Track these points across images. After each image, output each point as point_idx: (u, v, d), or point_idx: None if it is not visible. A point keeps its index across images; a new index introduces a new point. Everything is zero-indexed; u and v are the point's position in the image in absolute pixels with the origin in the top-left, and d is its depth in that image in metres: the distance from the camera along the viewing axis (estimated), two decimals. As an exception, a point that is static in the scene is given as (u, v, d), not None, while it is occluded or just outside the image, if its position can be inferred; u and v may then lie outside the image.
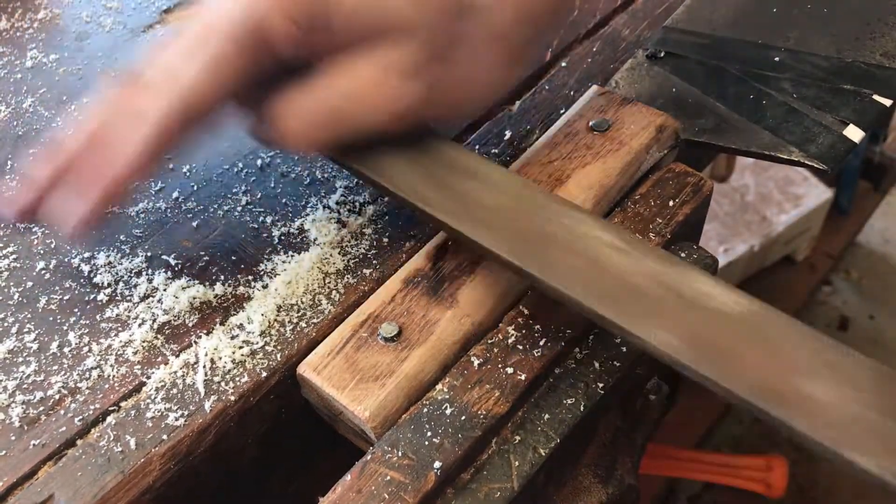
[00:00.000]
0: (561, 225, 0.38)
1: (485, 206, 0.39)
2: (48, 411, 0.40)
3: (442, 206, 0.39)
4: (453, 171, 0.41)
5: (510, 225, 0.38)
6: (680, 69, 0.53)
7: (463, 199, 0.40)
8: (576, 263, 0.37)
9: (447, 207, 0.39)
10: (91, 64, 0.58)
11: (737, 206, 1.38)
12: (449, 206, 0.39)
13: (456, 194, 0.40)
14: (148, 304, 0.44)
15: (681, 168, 0.48)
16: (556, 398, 0.40)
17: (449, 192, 0.40)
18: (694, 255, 0.45)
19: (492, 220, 0.39)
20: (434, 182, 0.40)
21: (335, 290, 0.44)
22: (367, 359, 0.40)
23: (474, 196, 0.40)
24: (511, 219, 0.39)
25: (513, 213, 0.39)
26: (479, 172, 0.41)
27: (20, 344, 0.42)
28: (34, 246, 0.47)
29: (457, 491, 0.37)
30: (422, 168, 0.41)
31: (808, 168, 0.48)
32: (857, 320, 1.56)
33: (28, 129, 0.53)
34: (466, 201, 0.39)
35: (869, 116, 0.49)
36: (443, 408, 0.38)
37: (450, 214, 0.39)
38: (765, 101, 0.50)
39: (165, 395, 0.40)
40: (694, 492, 1.36)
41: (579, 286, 0.36)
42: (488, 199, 0.39)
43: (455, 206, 0.39)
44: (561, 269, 0.37)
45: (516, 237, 0.38)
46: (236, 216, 0.48)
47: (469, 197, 0.40)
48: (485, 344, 0.41)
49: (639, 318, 0.34)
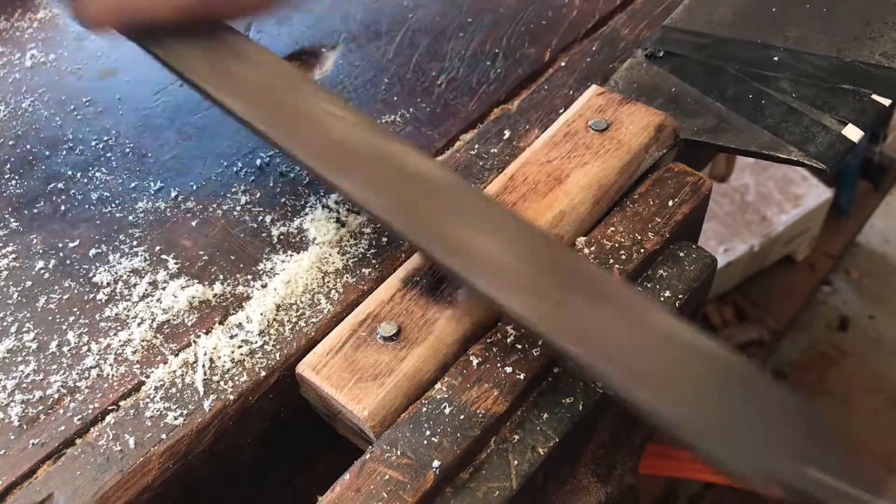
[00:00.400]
0: (309, 103, 0.45)
1: (249, 81, 0.46)
2: (47, 410, 0.40)
3: (210, 79, 0.46)
4: (234, 57, 0.47)
5: (265, 98, 0.45)
6: (679, 69, 0.53)
7: (233, 76, 0.46)
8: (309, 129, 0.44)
9: (215, 81, 0.46)
10: (91, 64, 0.58)
11: (737, 206, 1.38)
12: (217, 81, 0.46)
13: (229, 73, 0.46)
14: (147, 303, 0.44)
15: (680, 167, 0.48)
16: (554, 397, 0.40)
17: (223, 72, 0.46)
18: (693, 254, 0.45)
19: (249, 93, 0.45)
20: (214, 63, 0.47)
21: (334, 290, 0.44)
22: (366, 358, 0.40)
23: (242, 74, 0.46)
24: (267, 94, 0.46)
25: (270, 90, 0.46)
26: (253, 58, 0.47)
27: (19, 343, 0.42)
28: (34, 246, 0.47)
29: (455, 490, 0.37)
30: (208, 53, 0.47)
31: (807, 168, 0.48)
32: (857, 320, 1.56)
33: (27, 129, 0.54)
34: (235, 78, 0.46)
35: (868, 116, 0.49)
36: (442, 407, 0.38)
37: (215, 86, 0.46)
38: (764, 100, 0.50)
39: (164, 394, 0.40)
40: (694, 492, 1.36)
41: (308, 148, 0.43)
42: (254, 77, 0.46)
43: (222, 81, 0.46)
44: (298, 134, 0.44)
45: (267, 108, 0.45)
46: (235, 216, 0.48)
47: (238, 75, 0.46)
48: (483, 343, 0.41)
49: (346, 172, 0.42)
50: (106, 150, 0.52)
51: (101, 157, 0.52)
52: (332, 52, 0.58)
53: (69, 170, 0.51)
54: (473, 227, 0.39)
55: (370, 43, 0.59)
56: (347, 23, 0.60)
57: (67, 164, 0.51)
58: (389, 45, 0.58)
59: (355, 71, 0.57)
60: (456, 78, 0.56)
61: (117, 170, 0.51)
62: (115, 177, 0.50)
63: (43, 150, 0.52)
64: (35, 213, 0.48)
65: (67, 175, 0.51)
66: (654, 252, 0.44)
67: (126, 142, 0.53)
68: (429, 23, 0.60)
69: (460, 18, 0.60)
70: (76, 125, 0.54)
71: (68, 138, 0.53)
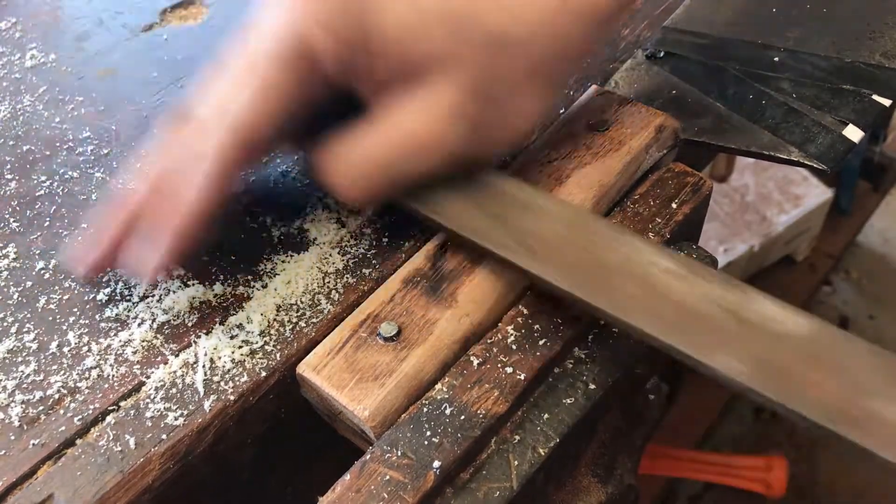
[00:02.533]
0: (618, 252, 0.38)
1: (541, 238, 0.39)
2: (48, 411, 0.40)
3: (500, 241, 0.40)
4: (507, 204, 0.41)
5: (569, 256, 0.39)
6: (679, 69, 0.53)
7: (519, 231, 0.40)
8: (636, 292, 0.37)
9: (505, 242, 0.40)
10: (91, 64, 0.58)
11: (737, 206, 1.39)
12: (506, 241, 0.40)
13: (511, 228, 0.40)
14: (147, 303, 0.44)
15: (680, 168, 0.48)
16: (555, 398, 0.40)
17: (505, 226, 0.40)
18: (694, 254, 0.45)
19: (550, 254, 0.39)
20: (489, 217, 0.40)
21: (335, 290, 0.44)
22: (367, 358, 0.40)
23: (530, 228, 0.40)
24: (569, 250, 0.39)
25: (569, 243, 0.39)
26: (531, 203, 0.41)
27: (20, 343, 0.42)
28: (34, 246, 0.47)
29: (456, 490, 0.37)
30: (475, 203, 0.41)
31: (807, 168, 0.48)
32: (857, 320, 1.56)
33: (28, 129, 0.53)
34: (523, 234, 0.40)
35: (868, 116, 0.49)
36: (442, 407, 0.38)
37: (508, 250, 0.39)
38: (764, 101, 0.50)
39: (165, 394, 0.40)
40: (694, 492, 1.36)
41: (642, 315, 0.36)
42: (545, 230, 0.40)
43: (512, 241, 0.39)
44: (622, 298, 0.37)
45: (576, 269, 0.38)
46: (236, 216, 0.48)
47: (525, 229, 0.40)
48: (484, 343, 0.41)
49: (705, 346, 0.35)
50: (106, 150, 0.52)
51: (102, 157, 0.52)
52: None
53: (69, 170, 0.51)
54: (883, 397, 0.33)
55: (370, 43, 0.58)
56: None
57: (67, 164, 0.51)
58: (390, 46, 0.58)
59: (355, 71, 0.57)
60: (456, 78, 0.56)
61: (117, 170, 0.51)
62: (116, 177, 0.50)
63: (43, 150, 0.52)
64: (35, 213, 0.48)
65: (67, 175, 0.51)
66: (654, 252, 0.44)
67: (126, 142, 0.53)
68: (429, 23, 0.60)
69: (460, 18, 0.60)
70: (76, 125, 0.54)
71: (68, 138, 0.53)
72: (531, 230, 0.40)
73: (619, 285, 0.37)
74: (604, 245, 0.39)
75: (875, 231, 1.66)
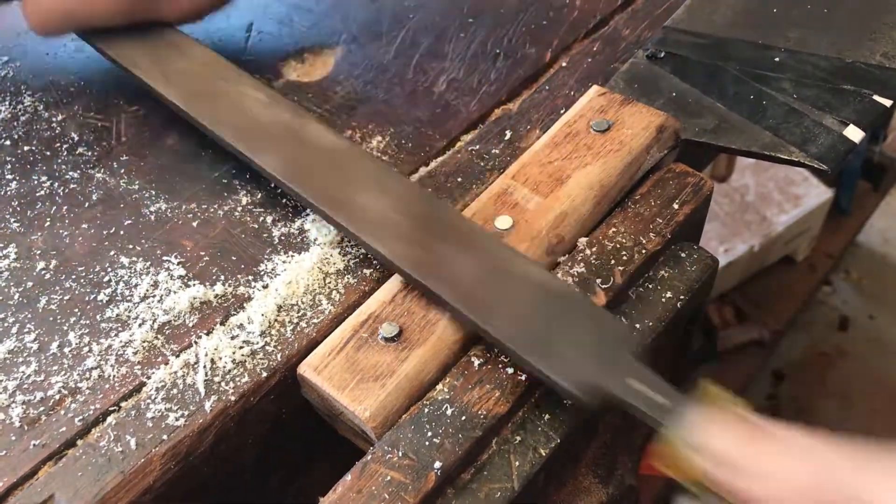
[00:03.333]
0: (227, 83, 0.51)
1: (177, 69, 0.52)
2: (48, 411, 0.40)
3: (144, 68, 0.52)
4: (168, 48, 0.53)
5: (193, 85, 0.51)
6: (680, 69, 0.53)
7: (162, 63, 0.52)
8: (230, 110, 0.50)
9: (146, 69, 0.52)
10: (91, 64, 0.58)
11: (737, 206, 1.38)
12: (148, 68, 0.52)
13: (160, 61, 0.52)
14: (148, 304, 0.44)
15: (681, 168, 0.48)
16: (556, 398, 0.40)
17: (155, 61, 0.52)
18: (694, 254, 0.45)
19: (177, 80, 0.51)
20: (149, 55, 0.53)
21: (335, 290, 0.44)
22: (368, 359, 0.40)
23: (172, 62, 0.52)
24: (194, 79, 0.52)
25: (196, 75, 0.52)
26: (185, 49, 0.53)
27: (20, 344, 0.42)
28: (34, 246, 0.47)
29: (457, 491, 0.37)
30: (146, 46, 0.53)
31: (808, 168, 0.48)
32: (857, 320, 1.56)
33: (28, 129, 0.53)
34: (164, 65, 0.52)
35: (869, 116, 0.49)
36: (443, 408, 0.38)
37: (145, 72, 0.52)
38: (765, 101, 0.50)
39: (166, 395, 0.40)
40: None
41: (227, 127, 0.49)
42: (181, 64, 0.52)
43: (153, 68, 0.52)
44: (222, 116, 0.49)
45: (197, 95, 0.51)
46: (236, 216, 0.48)
47: (168, 63, 0.52)
48: (485, 344, 0.41)
49: (260, 149, 0.47)
50: (106, 150, 0.52)
51: (102, 157, 0.52)
52: (332, 53, 0.58)
53: (69, 170, 0.51)
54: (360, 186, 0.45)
55: (371, 43, 0.59)
56: (348, 23, 0.60)
57: (67, 165, 0.51)
58: (390, 46, 0.58)
59: (356, 71, 0.57)
60: (457, 78, 0.56)
61: (118, 170, 0.51)
62: (116, 177, 0.50)
63: (43, 150, 0.52)
64: (36, 213, 0.48)
65: (68, 175, 0.50)
66: (655, 253, 0.44)
67: (126, 142, 0.53)
68: (429, 23, 0.60)
69: (461, 19, 0.60)
70: (76, 125, 0.54)
71: (68, 138, 0.53)
72: (173, 64, 0.52)
73: (220, 106, 0.50)
74: (219, 77, 0.52)
75: (875, 231, 1.66)
